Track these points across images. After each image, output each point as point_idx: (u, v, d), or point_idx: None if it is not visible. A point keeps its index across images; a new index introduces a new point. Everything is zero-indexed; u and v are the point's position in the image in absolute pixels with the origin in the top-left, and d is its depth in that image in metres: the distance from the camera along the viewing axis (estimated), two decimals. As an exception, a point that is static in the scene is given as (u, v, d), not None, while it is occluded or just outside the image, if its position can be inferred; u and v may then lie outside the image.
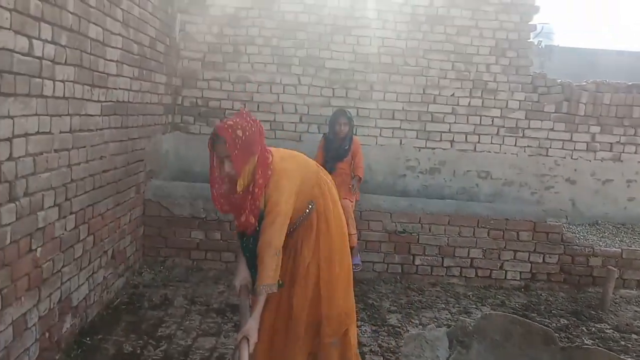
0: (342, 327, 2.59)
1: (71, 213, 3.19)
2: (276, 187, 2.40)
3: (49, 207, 2.90)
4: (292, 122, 5.89)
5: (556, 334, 2.02)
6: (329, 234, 2.62)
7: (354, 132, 5.15)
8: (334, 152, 5.02)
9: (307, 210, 2.59)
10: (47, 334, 2.94)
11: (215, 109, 5.82)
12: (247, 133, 2.32)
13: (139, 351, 3.29)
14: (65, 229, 3.13)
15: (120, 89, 3.94)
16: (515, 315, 2.07)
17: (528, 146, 6.06)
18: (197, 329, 3.65)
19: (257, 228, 2.41)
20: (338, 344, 2.59)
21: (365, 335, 3.75)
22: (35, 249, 2.77)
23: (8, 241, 2.48)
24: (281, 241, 2.39)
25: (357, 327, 3.85)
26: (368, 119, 5.93)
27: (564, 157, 6.06)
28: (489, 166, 6.05)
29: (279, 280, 2.40)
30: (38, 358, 2.84)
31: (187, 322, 3.76)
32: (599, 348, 1.96)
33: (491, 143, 6.05)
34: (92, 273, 3.59)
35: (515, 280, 5.02)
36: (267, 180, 2.40)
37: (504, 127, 6.03)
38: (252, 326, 2.30)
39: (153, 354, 3.27)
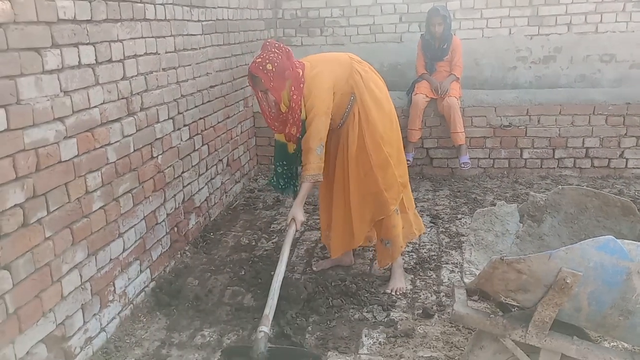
0: (399, 195, 2.98)
1: (184, 125, 3.59)
2: (309, 93, 2.75)
3: (164, 120, 3.30)
4: (392, 23, 5.75)
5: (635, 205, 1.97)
6: (369, 121, 2.86)
7: (452, 30, 4.96)
8: (433, 52, 4.91)
9: (350, 104, 2.85)
10: (175, 229, 3.45)
11: (314, 18, 5.87)
12: (275, 64, 2.65)
13: (254, 243, 3.73)
14: (181, 139, 3.54)
15: (218, 7, 4.17)
16: (589, 188, 2.03)
17: (661, 20, 5.34)
18: (304, 224, 4.00)
19: (300, 136, 2.82)
20: (398, 209, 3.00)
21: (465, 227, 3.83)
22: (157, 157, 3.20)
23: (132, 149, 2.91)
24: (320, 138, 2.74)
25: (458, 219, 3.96)
26: (472, 10, 5.59)
27: None
28: (614, 48, 5.46)
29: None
30: (170, 248, 3.37)
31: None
32: (683, 217, 1.88)
33: (616, 21, 5.41)
34: (210, 179, 4.05)
35: (637, 168, 4.69)
36: (302, 93, 2.74)
37: (631, 1, 5.35)
38: (296, 210, 2.80)
39: (266, 245, 3.70)
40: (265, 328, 2.37)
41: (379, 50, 5.71)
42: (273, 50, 2.70)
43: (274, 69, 2.64)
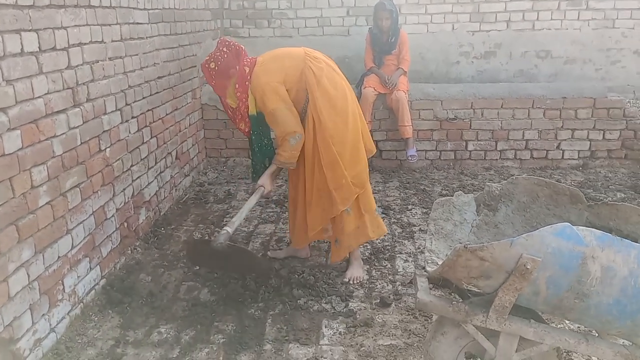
0: (350, 195, 2.91)
1: (133, 117, 3.46)
2: (256, 90, 2.82)
3: (112, 112, 3.17)
4: (339, 17, 5.78)
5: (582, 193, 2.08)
6: (319, 119, 2.85)
7: (399, 24, 5.04)
8: (381, 46, 4.98)
9: (307, 99, 2.85)
10: (125, 224, 3.34)
11: (261, 10, 5.80)
12: (219, 62, 2.83)
13: (206, 237, 3.66)
14: (130, 132, 3.41)
15: (165, -5, 4.05)
16: (541, 178, 2.13)
17: (592, 19, 5.64)
18: (258, 217, 3.98)
19: (250, 131, 2.97)
20: (351, 210, 2.96)
21: (416, 217, 3.93)
22: (105, 149, 3.07)
23: (79, 142, 2.78)
24: (291, 129, 2.80)
25: (408, 210, 4.05)
26: (417, 5, 5.70)
27: (632, 28, 5.59)
28: (549, 45, 5.73)
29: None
30: (120, 244, 3.26)
31: (249, 212, 4.07)
32: (626, 204, 2.00)
33: (551, 19, 5.67)
34: (160, 172, 3.94)
35: (572, 159, 4.96)
36: (246, 90, 2.84)
37: (565, 0, 5.63)
38: (265, 179, 2.95)
39: (219, 239, 3.64)
40: (229, 228, 2.73)
41: (327, 43, 5.71)
42: (221, 48, 2.85)
43: (216, 68, 2.82)
